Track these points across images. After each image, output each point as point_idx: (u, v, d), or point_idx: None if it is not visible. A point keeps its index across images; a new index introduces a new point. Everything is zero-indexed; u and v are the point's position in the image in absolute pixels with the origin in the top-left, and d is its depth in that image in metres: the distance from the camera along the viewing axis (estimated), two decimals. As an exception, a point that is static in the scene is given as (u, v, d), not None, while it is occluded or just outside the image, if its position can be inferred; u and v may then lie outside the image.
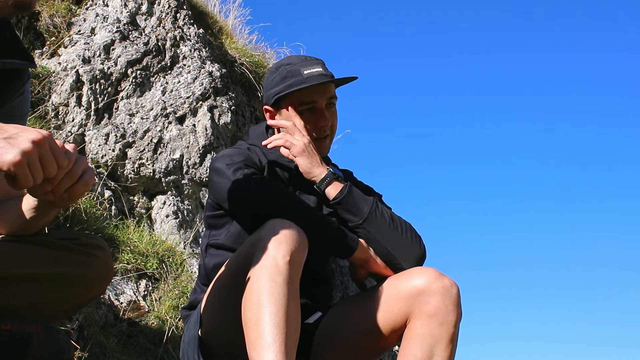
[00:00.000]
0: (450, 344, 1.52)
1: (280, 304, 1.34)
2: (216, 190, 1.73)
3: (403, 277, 1.62)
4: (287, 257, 1.39)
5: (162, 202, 3.27)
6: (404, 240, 1.68)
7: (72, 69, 3.26)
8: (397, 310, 1.57)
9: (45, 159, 0.98)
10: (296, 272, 1.41)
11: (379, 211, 1.68)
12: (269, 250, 1.40)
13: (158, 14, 3.97)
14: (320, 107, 1.79)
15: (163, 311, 2.55)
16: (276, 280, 1.36)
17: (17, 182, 0.96)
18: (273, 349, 1.30)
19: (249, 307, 1.37)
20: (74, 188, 1.06)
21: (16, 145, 0.94)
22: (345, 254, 1.65)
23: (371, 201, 1.70)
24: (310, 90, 1.77)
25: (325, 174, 1.70)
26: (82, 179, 1.07)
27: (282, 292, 1.36)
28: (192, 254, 3.08)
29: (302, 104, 1.79)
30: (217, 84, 3.82)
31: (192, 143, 3.45)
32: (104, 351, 2.10)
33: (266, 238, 1.42)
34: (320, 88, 1.78)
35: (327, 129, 1.81)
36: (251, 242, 1.48)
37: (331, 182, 1.69)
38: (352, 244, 1.63)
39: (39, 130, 0.98)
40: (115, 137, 3.21)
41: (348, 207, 1.68)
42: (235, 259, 1.56)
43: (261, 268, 1.39)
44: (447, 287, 1.54)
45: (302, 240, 1.45)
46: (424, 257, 1.72)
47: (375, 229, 1.66)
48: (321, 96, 1.79)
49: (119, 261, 2.64)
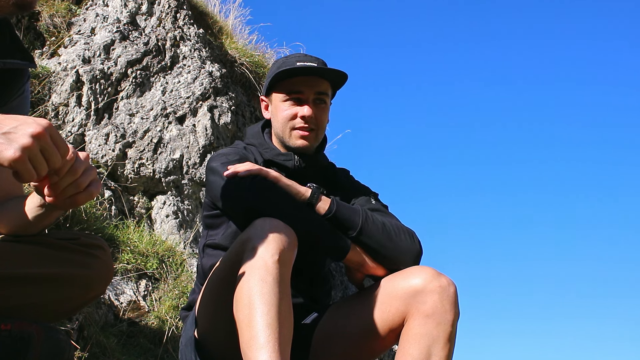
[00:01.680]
0: (448, 344, 1.51)
1: (271, 304, 1.34)
2: (211, 189, 1.73)
3: (400, 276, 1.61)
4: (275, 256, 1.38)
5: (162, 202, 3.27)
6: (398, 243, 1.67)
7: (72, 69, 3.26)
8: (395, 310, 1.57)
9: (47, 151, 0.95)
10: (286, 271, 1.41)
11: (370, 219, 1.67)
12: (258, 250, 1.39)
13: (158, 14, 3.97)
14: (306, 98, 1.80)
15: (163, 311, 2.55)
16: (266, 280, 1.36)
17: (21, 177, 0.94)
18: (267, 349, 1.29)
19: (240, 308, 1.37)
20: (78, 197, 1.05)
21: (15, 140, 0.92)
22: (338, 256, 1.63)
23: (360, 211, 1.68)
24: (299, 81, 1.80)
25: (310, 191, 1.67)
26: (88, 190, 1.05)
27: (272, 291, 1.35)
28: (192, 254, 3.08)
29: (290, 92, 1.81)
30: (217, 84, 3.82)
31: (192, 143, 3.45)
32: (104, 351, 2.10)
33: (255, 238, 1.42)
34: (309, 81, 1.80)
35: (311, 122, 1.81)
36: (240, 242, 1.47)
37: (320, 197, 1.67)
38: (345, 245, 1.62)
39: (38, 121, 0.95)
40: (115, 137, 3.21)
41: (341, 220, 1.65)
42: (226, 259, 1.55)
43: (251, 268, 1.38)
44: (444, 286, 1.53)
45: (291, 238, 1.44)
46: (420, 254, 1.70)
47: (370, 238, 1.65)
48: (309, 89, 1.81)
49: (119, 261, 2.64)
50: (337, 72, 1.82)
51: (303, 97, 1.80)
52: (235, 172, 1.62)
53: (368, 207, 1.80)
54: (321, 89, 1.82)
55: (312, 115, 1.80)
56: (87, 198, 1.06)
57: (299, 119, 1.80)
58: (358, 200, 1.88)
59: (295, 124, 1.81)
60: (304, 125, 1.80)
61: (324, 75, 1.83)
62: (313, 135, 1.83)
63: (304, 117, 1.79)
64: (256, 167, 1.64)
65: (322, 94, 1.83)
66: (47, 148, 0.95)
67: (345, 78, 1.85)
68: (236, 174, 1.62)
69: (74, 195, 1.05)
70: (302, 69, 1.78)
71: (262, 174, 1.62)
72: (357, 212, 1.67)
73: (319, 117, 1.82)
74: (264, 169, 1.65)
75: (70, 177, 1.02)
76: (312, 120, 1.81)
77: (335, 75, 1.84)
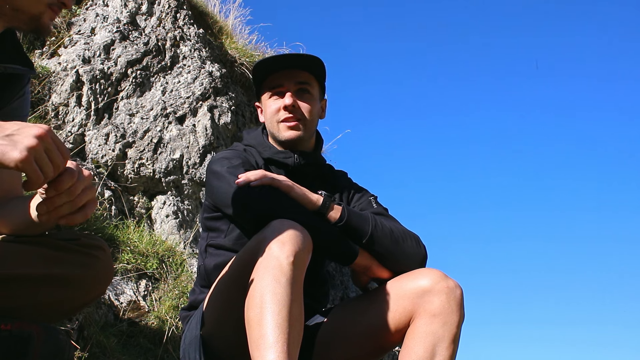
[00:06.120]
0: (453, 344, 1.52)
1: (283, 305, 1.34)
2: (215, 194, 1.73)
3: (408, 277, 1.62)
4: (290, 257, 1.38)
5: (162, 202, 3.27)
6: (405, 249, 1.68)
7: (72, 69, 3.27)
8: (402, 310, 1.58)
9: (51, 151, 0.96)
10: (300, 273, 1.41)
11: (379, 226, 1.68)
12: (273, 251, 1.39)
13: (158, 14, 3.97)
14: (287, 90, 1.83)
15: (163, 311, 2.55)
16: (279, 280, 1.36)
17: (28, 180, 0.94)
18: (275, 349, 1.29)
19: (251, 307, 1.37)
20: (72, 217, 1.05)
21: (20, 142, 0.92)
22: (347, 261, 1.64)
23: (369, 219, 1.69)
24: (278, 75, 1.85)
25: (322, 200, 1.67)
26: (82, 211, 1.05)
27: (285, 292, 1.35)
28: (192, 254, 3.08)
29: (272, 88, 1.86)
30: (217, 84, 3.82)
31: (192, 143, 3.45)
32: (104, 351, 2.10)
33: (270, 238, 1.42)
34: (288, 73, 1.84)
35: (296, 112, 1.82)
36: (255, 242, 1.47)
37: (331, 205, 1.67)
38: (353, 251, 1.63)
39: (39, 125, 0.96)
40: (115, 137, 3.21)
41: (351, 228, 1.66)
42: (239, 258, 1.55)
43: (265, 268, 1.38)
44: (451, 287, 1.55)
45: (306, 241, 1.44)
46: (426, 259, 1.72)
47: (379, 244, 1.66)
48: (288, 80, 1.84)
49: (119, 261, 2.64)
50: (306, 56, 1.85)
51: (284, 90, 1.84)
52: (248, 180, 1.61)
53: (371, 211, 1.80)
54: (301, 79, 1.85)
55: (294, 104, 1.82)
56: (81, 219, 1.05)
57: (282, 111, 1.82)
58: (360, 203, 1.88)
59: (280, 116, 1.83)
60: (288, 116, 1.82)
61: (297, 64, 1.86)
62: (300, 125, 1.84)
63: (286, 107, 1.81)
64: (269, 177, 1.63)
65: (303, 84, 1.85)
66: (50, 149, 0.96)
67: (321, 64, 1.86)
68: (248, 182, 1.61)
69: (67, 215, 1.04)
70: (273, 58, 1.84)
71: (274, 184, 1.62)
72: (367, 219, 1.68)
73: (304, 106, 1.84)
74: (276, 177, 1.64)
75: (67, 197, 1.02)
76: (297, 110, 1.83)
77: (306, 61, 1.85)
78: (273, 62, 1.85)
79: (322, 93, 1.95)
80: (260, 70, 1.87)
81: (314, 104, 1.87)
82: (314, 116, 1.86)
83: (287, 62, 1.85)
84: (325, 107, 1.98)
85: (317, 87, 1.90)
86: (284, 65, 1.85)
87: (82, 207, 1.05)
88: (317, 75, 1.89)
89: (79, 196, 1.04)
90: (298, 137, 1.83)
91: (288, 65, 1.85)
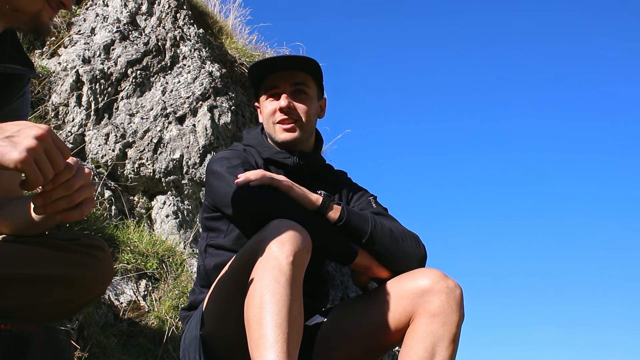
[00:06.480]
0: (452, 344, 1.53)
1: (282, 304, 1.34)
2: (215, 194, 1.73)
3: (408, 277, 1.62)
4: (290, 257, 1.38)
5: (162, 202, 3.27)
6: (405, 248, 1.68)
7: (72, 69, 3.27)
8: (402, 310, 1.58)
9: (51, 152, 0.96)
10: (299, 273, 1.41)
11: (378, 226, 1.68)
12: (273, 251, 1.39)
13: (158, 14, 3.97)
14: (283, 91, 1.83)
15: (163, 311, 2.55)
16: (279, 280, 1.36)
17: (27, 180, 0.94)
18: (275, 349, 1.29)
19: (251, 307, 1.37)
20: (69, 213, 1.04)
21: (20, 142, 0.92)
22: (347, 261, 1.64)
23: (369, 218, 1.69)
24: (274, 77, 1.85)
25: (322, 200, 1.67)
26: (79, 208, 1.04)
27: (284, 292, 1.35)
28: (192, 254, 3.08)
29: (269, 90, 1.86)
30: (217, 84, 3.82)
31: (192, 143, 3.45)
32: (104, 351, 2.10)
33: (270, 238, 1.42)
34: (284, 74, 1.84)
35: (291, 114, 1.82)
36: (255, 242, 1.47)
37: (331, 205, 1.67)
38: (353, 251, 1.63)
39: (39, 125, 0.96)
40: (115, 137, 3.21)
41: (351, 228, 1.66)
42: (239, 258, 1.55)
43: (264, 268, 1.38)
44: (451, 287, 1.55)
45: (306, 241, 1.44)
46: (425, 259, 1.73)
47: (378, 244, 1.66)
48: (284, 81, 1.84)
49: (119, 261, 2.64)
50: (299, 58, 1.85)
51: (280, 91, 1.84)
52: (247, 180, 1.61)
53: (371, 210, 1.80)
54: (297, 79, 1.84)
55: (289, 105, 1.81)
56: (78, 216, 1.05)
57: (278, 113, 1.82)
58: (359, 203, 1.88)
59: (276, 118, 1.83)
60: (284, 118, 1.82)
61: (292, 65, 1.85)
62: (296, 127, 1.83)
63: (281, 109, 1.81)
64: (268, 176, 1.63)
65: (299, 84, 1.84)
66: (50, 150, 0.96)
67: (315, 64, 1.85)
68: (248, 182, 1.61)
69: (63, 211, 1.04)
70: (268, 60, 1.84)
71: (273, 184, 1.62)
72: (366, 219, 1.68)
73: (300, 107, 1.83)
74: (276, 177, 1.64)
75: (64, 191, 1.01)
76: (293, 111, 1.82)
77: (301, 61, 1.84)
78: (268, 64, 1.85)
79: (320, 92, 1.94)
80: (256, 72, 1.87)
81: (311, 105, 1.86)
82: (310, 117, 1.86)
83: (282, 63, 1.84)
84: (324, 106, 1.98)
85: (315, 87, 1.90)
86: (279, 66, 1.84)
87: (79, 204, 1.04)
88: (314, 75, 1.88)
89: (77, 192, 1.03)
90: (294, 139, 1.83)
91: (283, 66, 1.84)
